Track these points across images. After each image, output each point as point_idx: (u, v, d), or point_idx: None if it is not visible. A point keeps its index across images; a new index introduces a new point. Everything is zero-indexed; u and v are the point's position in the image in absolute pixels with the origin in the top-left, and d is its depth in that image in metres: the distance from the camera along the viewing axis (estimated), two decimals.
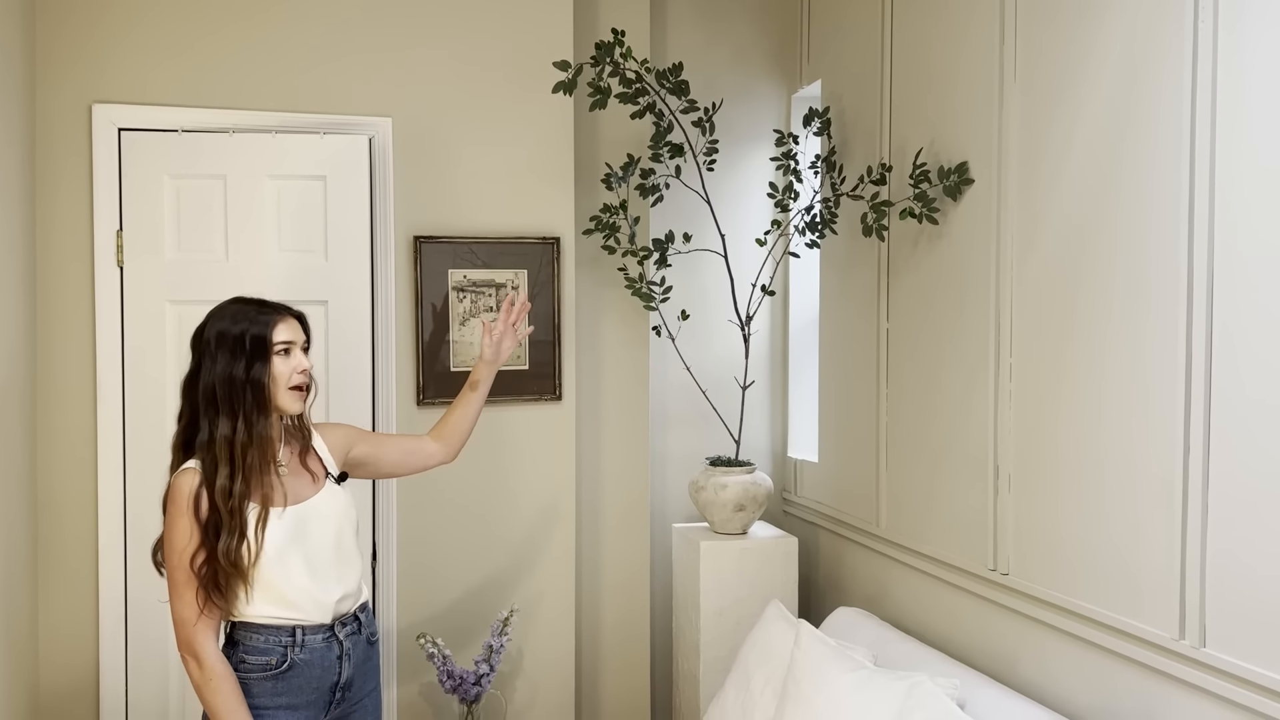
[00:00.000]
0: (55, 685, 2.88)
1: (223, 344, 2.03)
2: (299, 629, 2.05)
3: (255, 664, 2.03)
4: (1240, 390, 1.81)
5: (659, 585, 3.61)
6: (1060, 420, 2.26)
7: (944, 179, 2.63)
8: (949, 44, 2.70)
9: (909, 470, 2.91)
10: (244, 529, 1.99)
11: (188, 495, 1.98)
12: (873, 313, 3.11)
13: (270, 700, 2.02)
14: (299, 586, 2.05)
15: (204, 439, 2.01)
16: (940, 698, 2.12)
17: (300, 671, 2.05)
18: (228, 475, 1.99)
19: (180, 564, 1.97)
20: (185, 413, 2.06)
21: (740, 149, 3.67)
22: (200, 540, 1.97)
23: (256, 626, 2.04)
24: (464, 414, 2.53)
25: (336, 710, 2.14)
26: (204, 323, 2.08)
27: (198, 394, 2.03)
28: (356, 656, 2.14)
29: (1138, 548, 2.04)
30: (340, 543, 2.14)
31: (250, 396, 2.03)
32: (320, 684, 2.08)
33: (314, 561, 2.08)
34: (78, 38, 2.88)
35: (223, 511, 1.97)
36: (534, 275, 3.23)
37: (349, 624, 2.14)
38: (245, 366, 2.03)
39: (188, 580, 1.97)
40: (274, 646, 2.04)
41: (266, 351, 2.06)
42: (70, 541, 2.89)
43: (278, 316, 2.09)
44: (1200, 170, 1.89)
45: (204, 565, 1.97)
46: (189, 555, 1.97)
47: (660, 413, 3.61)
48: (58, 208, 2.88)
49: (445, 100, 3.16)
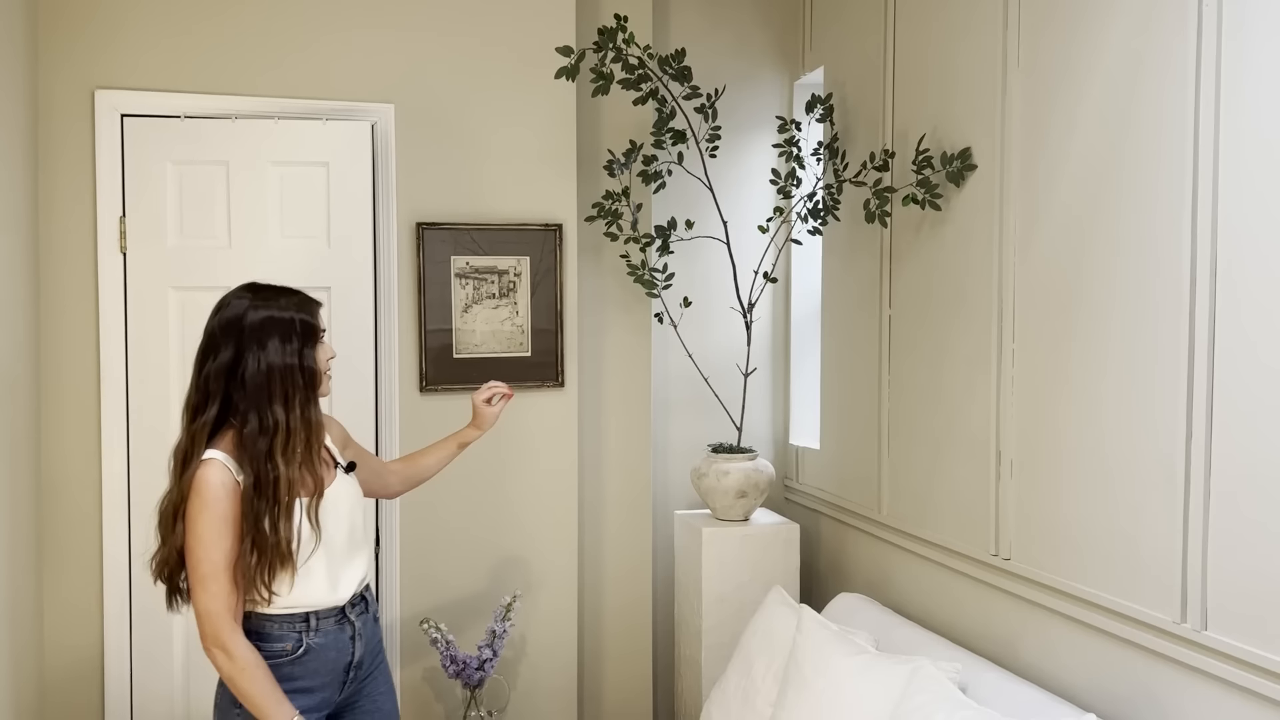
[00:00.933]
0: (60, 668, 2.90)
1: (270, 330, 1.98)
2: (313, 615, 2.05)
3: (272, 651, 2.01)
4: (1243, 374, 1.81)
5: (661, 572, 3.62)
6: (1062, 405, 2.26)
7: (947, 165, 2.62)
8: (952, 29, 2.70)
9: (911, 456, 2.92)
10: (295, 517, 1.97)
11: (217, 487, 1.92)
12: (875, 299, 3.11)
13: (286, 686, 2.00)
14: (319, 575, 2.05)
15: (253, 428, 1.95)
16: (942, 681, 2.13)
17: (316, 655, 2.06)
18: (284, 463, 1.95)
19: (208, 557, 1.92)
20: (214, 401, 1.97)
21: (743, 135, 3.66)
22: (238, 533, 1.93)
23: (271, 616, 2.03)
24: (436, 463, 2.51)
25: (349, 689, 2.15)
26: (237, 311, 1.99)
27: (236, 383, 1.96)
28: (366, 635, 2.16)
29: (1139, 532, 2.04)
30: (353, 529, 2.15)
31: (303, 381, 2.00)
32: (335, 666, 2.09)
33: (333, 550, 2.08)
34: (80, 23, 2.88)
35: (276, 500, 1.94)
36: (536, 262, 3.23)
37: (358, 604, 2.15)
38: (298, 352, 1.99)
39: (215, 574, 1.92)
40: (289, 634, 2.04)
41: (316, 337, 2.05)
42: (74, 526, 2.90)
43: (316, 304, 2.09)
44: (1204, 154, 1.89)
45: (252, 556, 1.93)
46: (220, 549, 1.92)
47: (662, 400, 3.61)
48: (61, 194, 2.88)
49: (448, 87, 3.15)
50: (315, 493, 2.03)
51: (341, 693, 2.14)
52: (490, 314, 3.19)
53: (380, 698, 2.23)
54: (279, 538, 1.94)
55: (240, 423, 1.96)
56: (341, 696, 2.14)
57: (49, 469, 2.88)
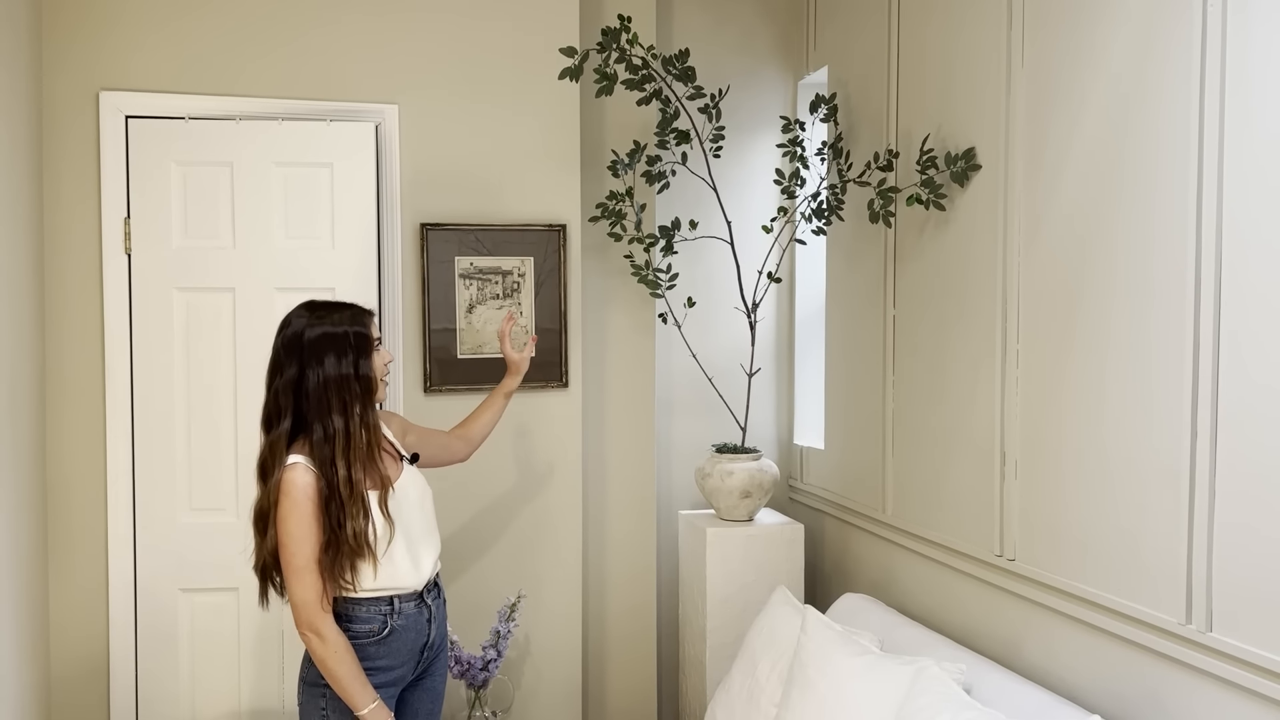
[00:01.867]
0: (66, 668, 2.91)
1: (327, 346, 2.18)
2: (396, 598, 2.25)
3: (360, 632, 2.22)
4: (1247, 375, 1.81)
5: (665, 571, 3.62)
6: (1067, 406, 2.26)
7: (951, 165, 2.62)
8: (956, 29, 2.69)
9: (915, 457, 2.91)
10: (369, 512, 2.17)
11: (303, 488, 2.12)
12: (879, 299, 3.10)
13: (368, 664, 2.21)
14: (403, 559, 2.24)
15: (319, 437, 2.15)
16: (946, 682, 2.12)
17: (399, 636, 2.26)
18: (346, 465, 2.15)
19: (300, 550, 2.12)
20: (287, 414, 2.18)
21: (746, 135, 3.66)
22: (321, 528, 2.13)
23: (359, 600, 2.22)
24: (491, 418, 2.71)
25: (421, 668, 2.36)
26: (297, 329, 2.19)
27: (302, 396, 2.17)
28: (438, 618, 2.36)
29: (1144, 533, 2.04)
30: (425, 516, 2.35)
31: (359, 389, 2.20)
32: (413, 646, 2.30)
33: (411, 535, 2.27)
34: (84, 25, 2.88)
35: (346, 500, 2.13)
36: (540, 262, 3.23)
37: (433, 589, 2.36)
38: (353, 363, 2.19)
39: (308, 565, 2.12)
40: (375, 616, 2.23)
41: (370, 346, 2.24)
42: (79, 526, 2.91)
43: (368, 315, 2.28)
44: (1209, 155, 1.88)
45: (330, 550, 2.13)
46: (310, 543, 2.12)
47: (666, 400, 3.61)
48: (66, 195, 2.89)
49: (452, 87, 3.16)
50: (383, 487, 2.22)
51: (414, 671, 2.34)
52: (494, 314, 3.19)
53: (438, 678, 2.44)
54: (354, 533, 2.14)
55: (309, 432, 2.17)
56: (415, 674, 2.35)
57: (54, 469, 2.89)
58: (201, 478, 2.97)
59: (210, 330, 2.96)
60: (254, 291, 2.97)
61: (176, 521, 2.95)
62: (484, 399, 2.74)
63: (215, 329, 2.97)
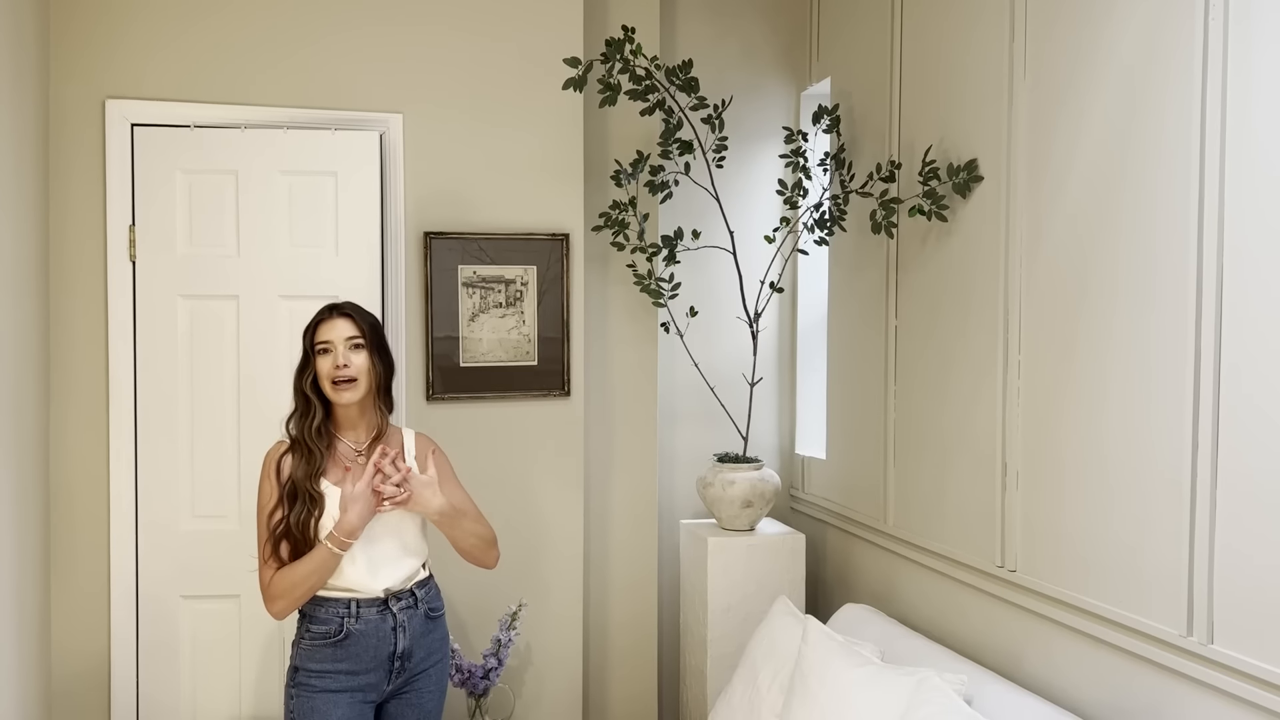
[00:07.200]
0: (68, 674, 2.90)
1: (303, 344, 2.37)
2: (355, 602, 2.29)
3: (318, 633, 2.28)
4: (1249, 387, 1.81)
5: (667, 581, 3.62)
6: (1069, 417, 2.26)
7: (953, 176, 2.63)
8: (958, 40, 2.70)
9: (917, 467, 2.92)
10: (319, 504, 2.26)
11: (270, 459, 2.33)
12: (881, 310, 3.11)
13: (332, 666, 2.27)
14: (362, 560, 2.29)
15: (288, 423, 2.34)
16: (947, 693, 2.12)
17: (356, 640, 2.28)
18: (301, 456, 2.29)
19: (260, 519, 2.29)
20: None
21: (749, 146, 3.67)
22: (277, 502, 2.28)
23: (319, 599, 2.29)
24: (459, 540, 2.44)
25: (399, 679, 2.34)
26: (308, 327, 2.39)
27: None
28: (413, 629, 2.34)
29: (1145, 544, 2.04)
30: (401, 529, 2.35)
31: (311, 387, 2.33)
32: (378, 653, 2.30)
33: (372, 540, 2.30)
34: (91, 33, 2.90)
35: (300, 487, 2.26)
36: (543, 271, 3.24)
37: (404, 599, 2.34)
38: (303, 363, 2.35)
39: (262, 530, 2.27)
40: (333, 617, 2.28)
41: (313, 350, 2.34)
42: (82, 532, 2.91)
43: (321, 317, 2.36)
44: (1210, 167, 1.89)
45: (279, 525, 2.26)
46: (266, 511, 2.28)
47: (668, 409, 3.62)
48: (71, 202, 2.90)
49: (456, 96, 3.17)
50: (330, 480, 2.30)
51: (390, 682, 2.33)
52: (497, 323, 3.20)
53: (427, 695, 2.41)
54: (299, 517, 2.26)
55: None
56: (391, 686, 2.34)
57: (57, 475, 2.89)
58: (204, 485, 2.97)
59: (214, 338, 2.97)
60: (258, 299, 2.98)
61: (178, 528, 2.96)
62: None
63: (219, 336, 2.97)
